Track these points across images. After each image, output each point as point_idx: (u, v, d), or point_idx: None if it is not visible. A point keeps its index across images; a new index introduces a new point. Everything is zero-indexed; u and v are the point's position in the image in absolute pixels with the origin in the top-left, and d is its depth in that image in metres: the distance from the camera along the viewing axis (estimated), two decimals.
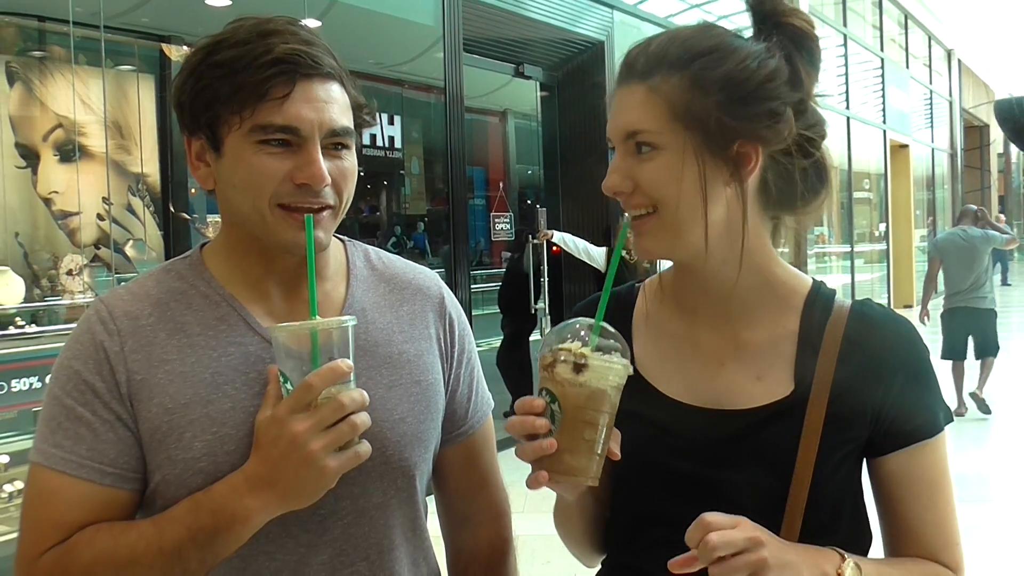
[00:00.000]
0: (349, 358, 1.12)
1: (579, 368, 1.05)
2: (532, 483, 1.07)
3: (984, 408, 8.11)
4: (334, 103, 1.20)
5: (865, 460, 1.22)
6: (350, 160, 1.23)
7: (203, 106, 1.18)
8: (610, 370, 1.07)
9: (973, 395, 8.16)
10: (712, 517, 1.04)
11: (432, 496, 1.43)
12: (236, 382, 1.20)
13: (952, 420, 1.24)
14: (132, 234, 5.11)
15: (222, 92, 1.16)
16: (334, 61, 1.21)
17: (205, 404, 1.18)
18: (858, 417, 1.17)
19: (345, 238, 1.39)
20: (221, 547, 1.13)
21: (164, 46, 5.27)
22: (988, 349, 8.15)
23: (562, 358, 1.06)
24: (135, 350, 1.19)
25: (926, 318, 8.40)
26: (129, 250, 5.10)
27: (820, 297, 1.24)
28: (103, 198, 4.91)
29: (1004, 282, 23.19)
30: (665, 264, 1.30)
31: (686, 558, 1.05)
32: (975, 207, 8.89)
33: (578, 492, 1.14)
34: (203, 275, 1.27)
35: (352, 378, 1.13)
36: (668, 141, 1.13)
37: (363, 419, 1.10)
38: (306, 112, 1.16)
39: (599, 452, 1.08)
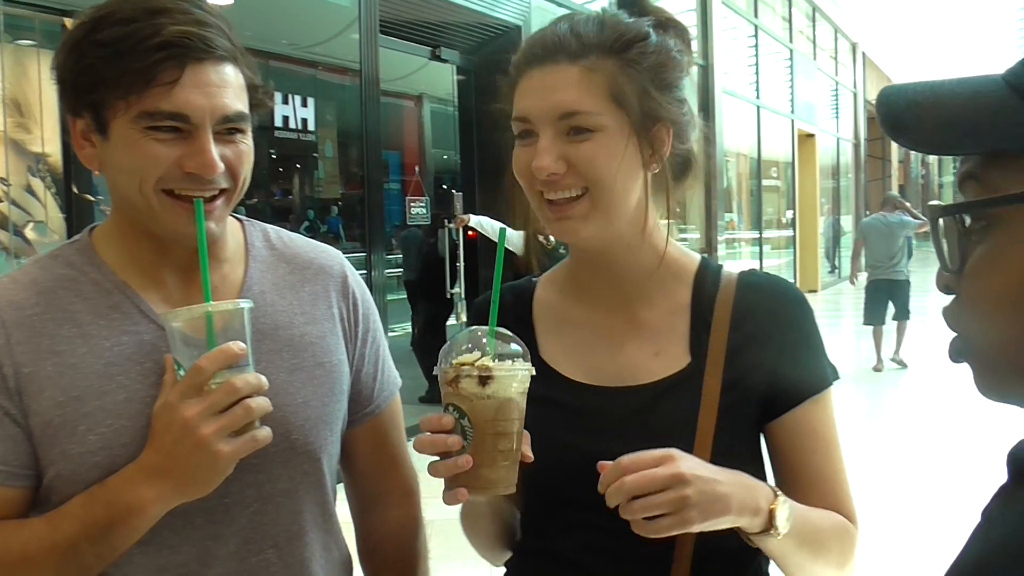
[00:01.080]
0: (246, 342, 1.10)
1: (484, 380, 1.04)
2: (450, 500, 1.07)
3: (903, 365, 9.72)
4: (227, 87, 1.15)
5: (762, 430, 1.26)
6: (245, 143, 1.19)
7: (86, 88, 1.13)
8: (515, 377, 1.06)
9: (894, 359, 9.66)
10: (629, 458, 1.02)
11: (340, 481, 1.42)
12: (131, 372, 1.16)
13: (839, 377, 1.28)
14: (32, 216, 4.91)
15: (107, 75, 1.10)
16: (228, 41, 1.16)
17: (99, 396, 1.14)
18: (753, 381, 1.21)
19: (244, 218, 1.35)
20: (117, 540, 1.10)
21: (67, 20, 5.07)
22: (902, 313, 9.72)
23: (465, 372, 1.04)
24: (22, 342, 1.14)
25: (855, 279, 10.62)
26: (29, 233, 4.90)
27: (709, 271, 1.29)
28: (0, 178, 4.72)
29: None
30: None
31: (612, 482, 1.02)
32: (895, 196, 10.75)
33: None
34: (93, 261, 1.22)
35: (251, 362, 1.11)
36: (606, 122, 1.15)
37: (259, 403, 1.08)
38: (196, 98, 1.11)
39: (514, 460, 1.08)
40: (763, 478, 1.25)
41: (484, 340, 1.08)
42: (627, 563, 1.21)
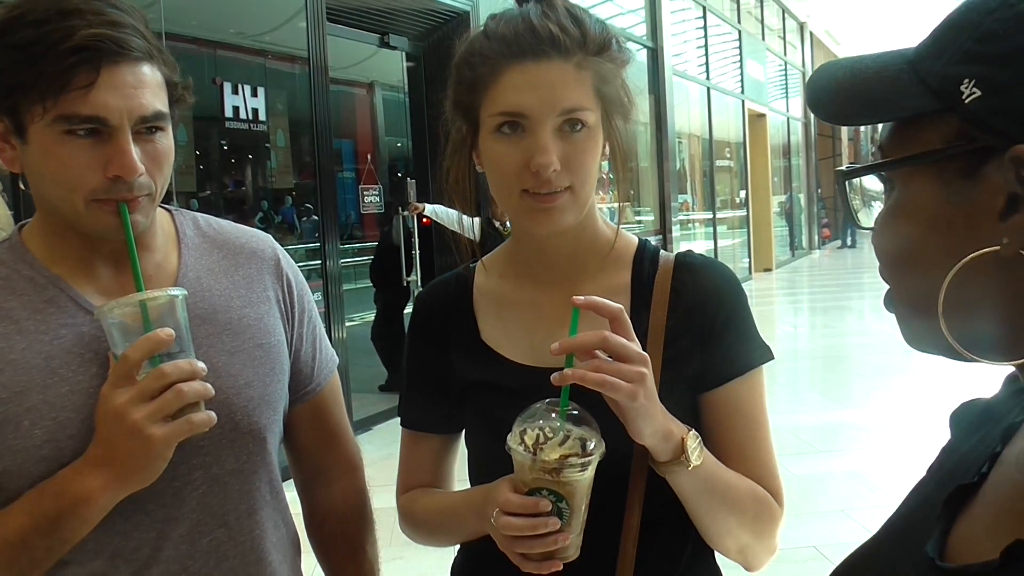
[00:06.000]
0: (182, 330, 1.11)
1: (585, 466, 1.08)
2: (544, 569, 1.11)
3: None
4: (144, 88, 1.14)
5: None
6: (164, 142, 1.19)
7: (2, 92, 1.12)
8: (601, 453, 1.10)
9: None
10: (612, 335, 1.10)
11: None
12: (72, 364, 1.17)
13: (772, 358, 1.31)
14: None
15: (21, 79, 1.10)
16: (144, 40, 1.15)
17: (41, 390, 1.15)
18: (690, 357, 1.26)
19: (172, 207, 1.36)
20: (67, 532, 1.11)
21: None
22: None
23: (569, 463, 1.07)
24: None
25: None
26: None
27: (647, 253, 1.34)
28: None
29: (854, 244, 24.45)
30: None
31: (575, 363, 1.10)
32: None
33: None
34: (25, 258, 1.22)
35: (189, 348, 1.13)
36: (593, 119, 1.20)
37: (194, 387, 1.10)
38: (114, 101, 1.11)
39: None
40: None
41: (554, 416, 1.11)
42: None
